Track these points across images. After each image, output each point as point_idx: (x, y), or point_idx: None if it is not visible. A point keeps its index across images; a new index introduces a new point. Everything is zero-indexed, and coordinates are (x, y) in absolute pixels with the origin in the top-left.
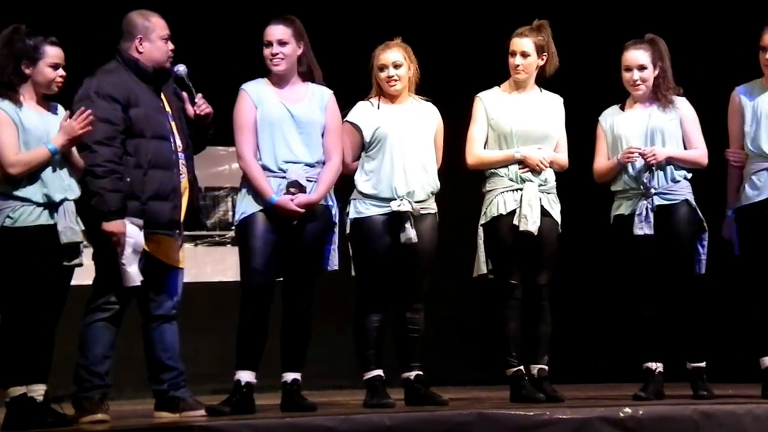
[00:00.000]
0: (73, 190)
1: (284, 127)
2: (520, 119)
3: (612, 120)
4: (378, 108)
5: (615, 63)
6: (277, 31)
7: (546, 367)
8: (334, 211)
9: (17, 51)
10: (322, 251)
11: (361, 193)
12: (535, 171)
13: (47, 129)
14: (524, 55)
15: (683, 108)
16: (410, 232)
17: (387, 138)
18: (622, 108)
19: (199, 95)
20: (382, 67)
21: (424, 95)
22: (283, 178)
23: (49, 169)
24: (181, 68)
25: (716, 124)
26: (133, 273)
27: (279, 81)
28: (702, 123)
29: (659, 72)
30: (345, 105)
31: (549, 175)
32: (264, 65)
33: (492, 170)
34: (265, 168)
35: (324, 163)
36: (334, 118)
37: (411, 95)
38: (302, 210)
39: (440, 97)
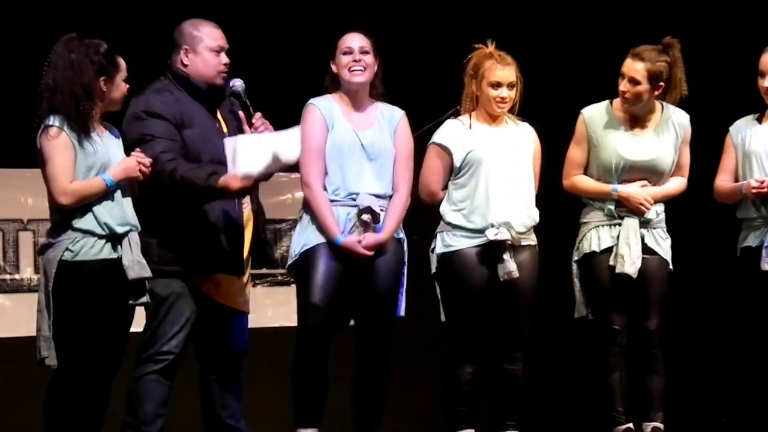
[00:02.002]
0: (136, 222)
1: (354, 156)
2: (627, 150)
3: (745, 133)
4: (470, 128)
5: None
6: (359, 39)
7: (661, 426)
8: (405, 246)
9: (96, 66)
10: (398, 291)
11: (449, 224)
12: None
13: (108, 154)
14: (633, 81)
15: None
16: (510, 265)
17: (482, 163)
18: (759, 120)
19: (258, 114)
20: (496, 85)
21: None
22: (354, 206)
23: (111, 197)
24: (237, 83)
25: None
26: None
27: (351, 98)
28: None
29: None
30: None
31: (657, 207)
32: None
33: (588, 200)
34: (331, 200)
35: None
36: (405, 144)
37: (506, 115)
38: (371, 253)
39: (534, 114)
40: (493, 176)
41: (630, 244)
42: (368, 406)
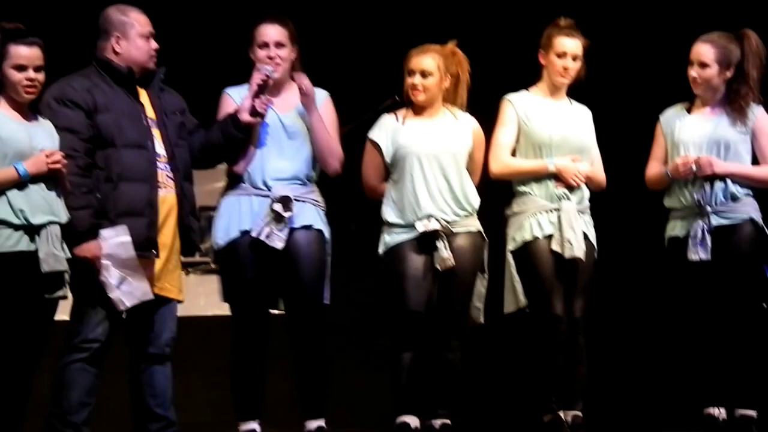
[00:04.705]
0: (60, 214)
1: (275, 136)
2: (557, 126)
3: (674, 123)
4: (403, 123)
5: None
6: (275, 32)
7: (581, 414)
8: (328, 236)
9: None
10: (322, 280)
11: (387, 223)
12: (571, 187)
13: (28, 143)
14: (575, 58)
15: (759, 119)
16: (443, 253)
17: (410, 158)
18: (689, 110)
19: (265, 98)
20: (410, 73)
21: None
22: (267, 196)
23: (31, 188)
24: (268, 67)
25: None
26: (122, 295)
27: (274, 88)
28: None
29: (734, 74)
30: None
31: (585, 192)
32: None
33: (522, 189)
34: (254, 186)
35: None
36: (329, 119)
37: (446, 107)
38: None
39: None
40: (419, 170)
41: (574, 228)
42: (310, 395)
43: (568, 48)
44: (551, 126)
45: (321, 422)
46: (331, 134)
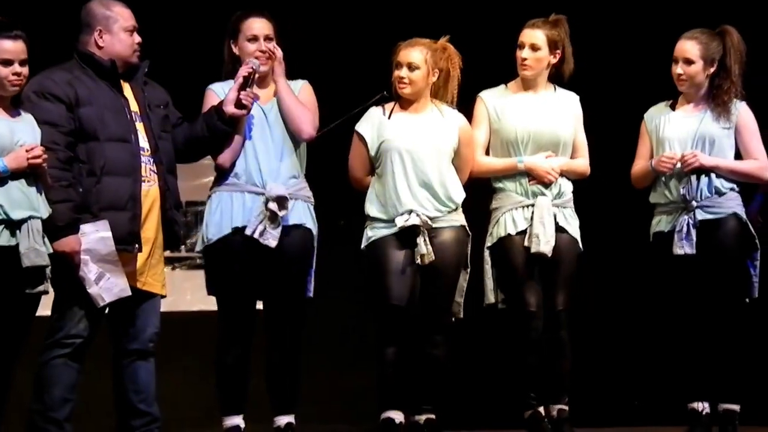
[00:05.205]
0: (40, 209)
1: (257, 127)
2: (527, 123)
3: (659, 120)
4: (389, 118)
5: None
6: (263, 26)
7: (566, 408)
8: (315, 232)
9: None
10: (307, 273)
11: (370, 217)
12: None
13: (9, 138)
14: (534, 48)
15: (742, 114)
16: (423, 248)
17: (393, 152)
18: (673, 107)
19: (250, 91)
20: (397, 65)
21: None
22: (261, 193)
23: (11, 184)
24: (256, 61)
25: None
26: (101, 291)
27: (260, 81)
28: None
29: (717, 70)
30: None
31: (564, 186)
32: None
33: (499, 185)
34: (240, 179)
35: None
36: (308, 102)
37: (434, 102)
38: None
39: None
40: (401, 164)
41: (544, 224)
42: (281, 390)
43: (525, 38)
44: (522, 123)
45: (290, 418)
46: (303, 104)
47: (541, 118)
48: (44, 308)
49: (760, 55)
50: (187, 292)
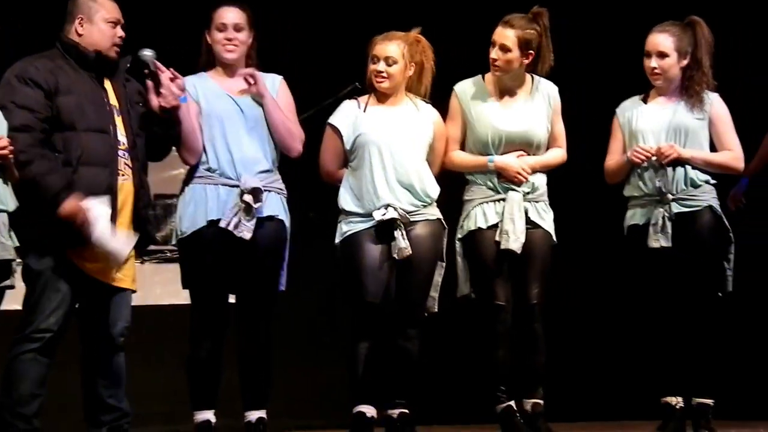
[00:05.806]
0: (7, 202)
1: (232, 119)
2: (499, 124)
3: (631, 113)
4: (364, 111)
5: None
6: (234, 15)
7: (541, 402)
8: (288, 225)
9: None
10: (280, 267)
11: (344, 211)
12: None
13: None
14: (503, 48)
15: (715, 105)
16: (401, 242)
17: (369, 145)
18: (645, 100)
19: (168, 84)
20: (374, 59)
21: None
22: (236, 186)
23: None
24: (147, 53)
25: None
26: (120, 246)
27: (225, 70)
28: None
29: (690, 62)
30: None
31: (538, 180)
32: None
33: (471, 177)
34: (214, 172)
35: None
36: (286, 103)
37: (408, 96)
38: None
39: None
40: (378, 158)
41: (514, 220)
42: (253, 384)
43: (496, 37)
44: (494, 125)
45: (262, 413)
46: (289, 117)
47: (514, 119)
48: (13, 302)
49: (760, 55)
50: (157, 286)
